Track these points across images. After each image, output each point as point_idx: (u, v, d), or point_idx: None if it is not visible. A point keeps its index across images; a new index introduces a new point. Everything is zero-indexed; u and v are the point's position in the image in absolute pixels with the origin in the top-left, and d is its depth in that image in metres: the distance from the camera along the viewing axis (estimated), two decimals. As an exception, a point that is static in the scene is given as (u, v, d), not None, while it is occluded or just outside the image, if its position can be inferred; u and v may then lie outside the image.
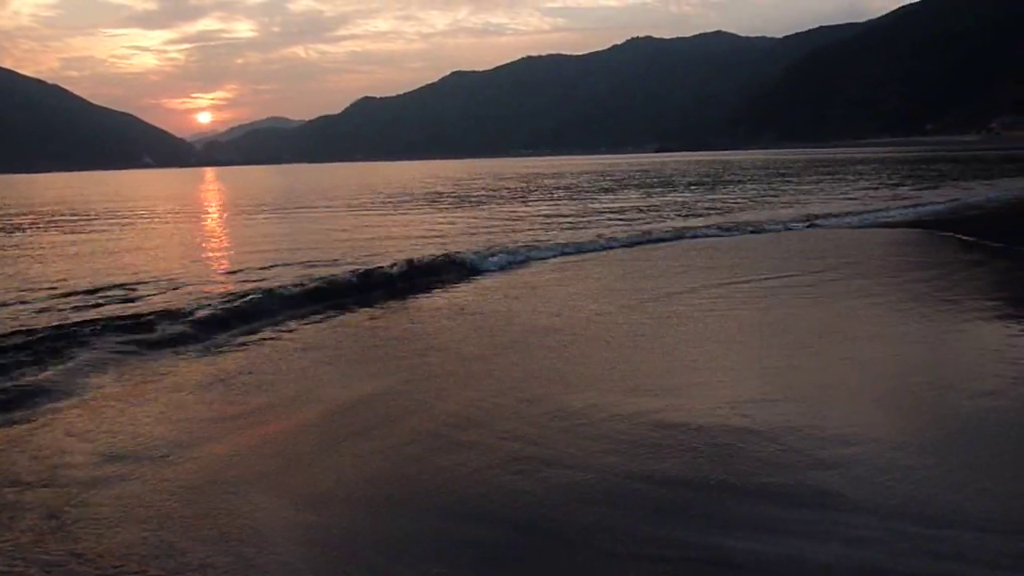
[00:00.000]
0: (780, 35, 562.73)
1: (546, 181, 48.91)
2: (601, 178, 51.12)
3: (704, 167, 71.23)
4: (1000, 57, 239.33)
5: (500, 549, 3.61)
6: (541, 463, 4.46)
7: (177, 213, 29.47)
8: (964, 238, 14.30)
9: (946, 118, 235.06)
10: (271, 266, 12.31)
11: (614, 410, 5.29)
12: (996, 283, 10.30)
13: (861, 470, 4.25)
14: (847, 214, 19.40)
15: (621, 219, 20.19)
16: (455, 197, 33.72)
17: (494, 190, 39.05)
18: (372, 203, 30.57)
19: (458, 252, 12.83)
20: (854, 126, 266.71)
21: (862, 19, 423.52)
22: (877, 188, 30.05)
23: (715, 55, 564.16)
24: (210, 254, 15.41)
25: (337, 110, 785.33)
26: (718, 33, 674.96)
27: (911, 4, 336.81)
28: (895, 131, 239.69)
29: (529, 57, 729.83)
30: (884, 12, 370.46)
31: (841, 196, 26.18)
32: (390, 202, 31.01)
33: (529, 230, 17.65)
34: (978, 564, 3.32)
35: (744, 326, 7.83)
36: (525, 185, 44.04)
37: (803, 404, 5.38)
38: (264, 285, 10.06)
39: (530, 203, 28.36)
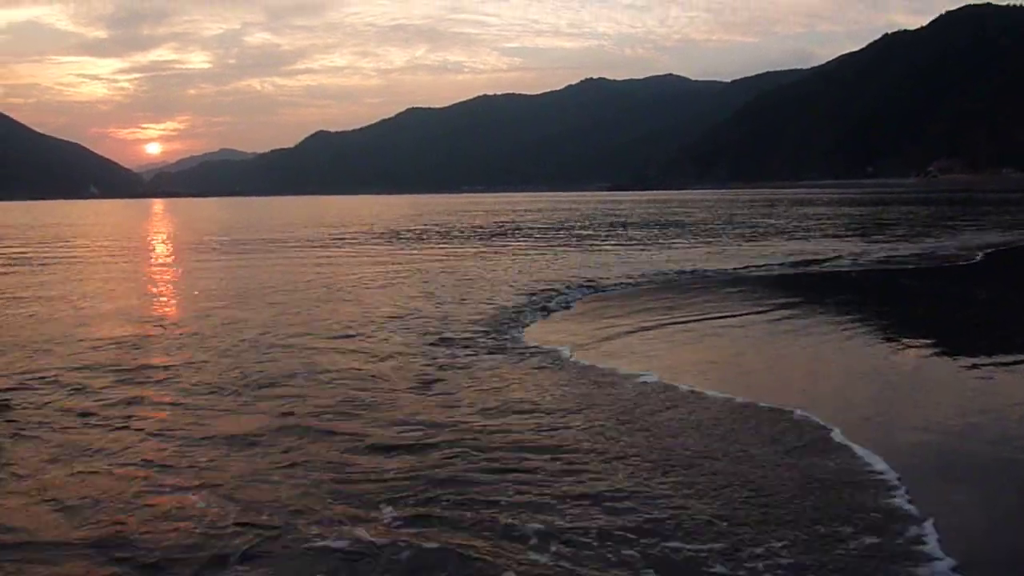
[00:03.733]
0: (729, 79, 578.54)
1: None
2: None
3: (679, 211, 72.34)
4: (939, 103, 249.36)
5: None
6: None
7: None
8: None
9: (887, 161, 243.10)
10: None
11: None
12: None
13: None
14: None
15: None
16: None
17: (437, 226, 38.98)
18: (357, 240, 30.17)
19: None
20: (799, 168, 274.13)
21: (808, 65, 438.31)
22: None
23: (666, 97, 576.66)
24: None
25: (291, 143, 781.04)
26: (669, 76, 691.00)
27: (854, 52, 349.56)
28: (838, 173, 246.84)
29: (485, 95, 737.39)
30: (828, 59, 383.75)
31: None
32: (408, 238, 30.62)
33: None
34: None
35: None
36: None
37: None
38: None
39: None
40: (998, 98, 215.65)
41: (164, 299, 14.70)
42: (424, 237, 31.42)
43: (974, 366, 7.92)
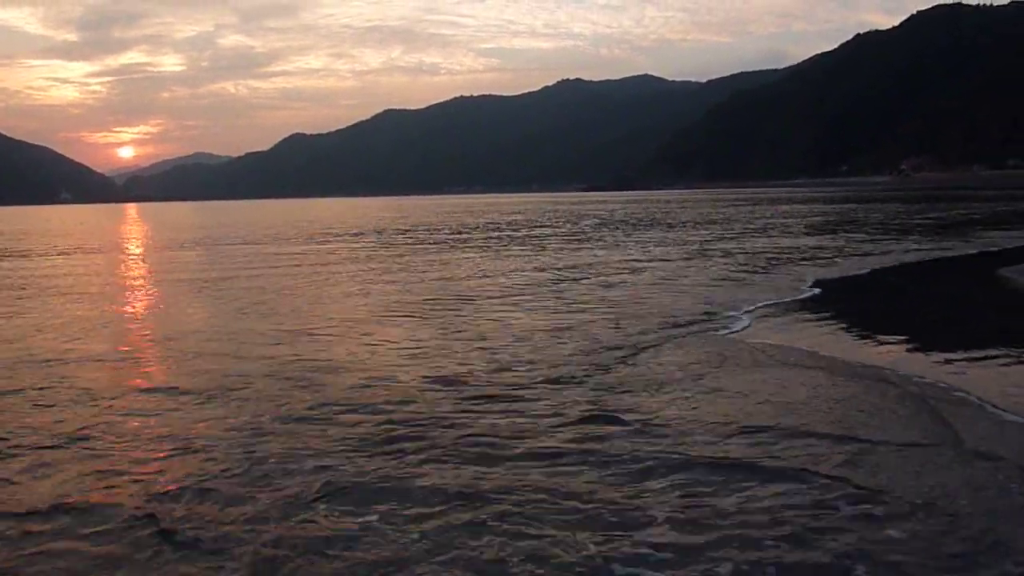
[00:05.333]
0: (703, 79, 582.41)
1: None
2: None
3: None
4: (914, 102, 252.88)
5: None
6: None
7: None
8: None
9: (860, 159, 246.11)
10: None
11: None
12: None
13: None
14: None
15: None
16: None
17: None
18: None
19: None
20: (774, 167, 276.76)
21: (781, 65, 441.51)
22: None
23: (642, 97, 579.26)
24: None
25: (266, 146, 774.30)
26: (645, 76, 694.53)
27: (827, 52, 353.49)
28: (812, 172, 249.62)
29: (462, 97, 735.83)
30: (802, 58, 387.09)
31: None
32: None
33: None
34: None
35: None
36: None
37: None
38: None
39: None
40: (976, 96, 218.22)
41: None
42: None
43: None
